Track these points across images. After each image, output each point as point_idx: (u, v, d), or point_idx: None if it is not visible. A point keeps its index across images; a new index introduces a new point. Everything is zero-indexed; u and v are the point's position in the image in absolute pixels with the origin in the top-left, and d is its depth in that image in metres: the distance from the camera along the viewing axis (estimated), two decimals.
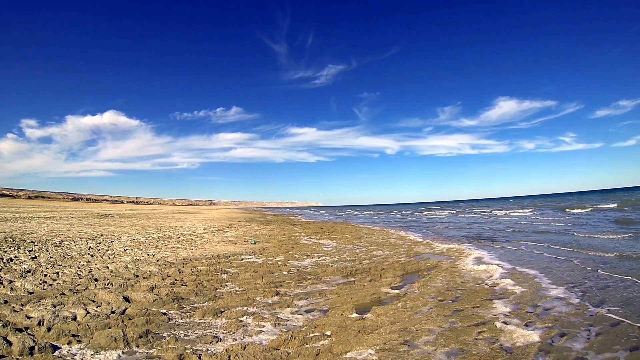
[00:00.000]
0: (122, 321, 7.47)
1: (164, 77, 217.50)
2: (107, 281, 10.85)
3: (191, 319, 8.06)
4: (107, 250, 16.84)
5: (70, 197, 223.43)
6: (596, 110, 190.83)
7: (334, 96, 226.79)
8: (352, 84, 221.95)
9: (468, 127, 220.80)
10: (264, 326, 7.65)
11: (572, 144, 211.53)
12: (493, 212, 59.79)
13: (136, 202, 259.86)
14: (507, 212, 56.86)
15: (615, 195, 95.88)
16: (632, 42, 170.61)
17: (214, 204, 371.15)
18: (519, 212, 52.77)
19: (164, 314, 8.25)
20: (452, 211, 73.27)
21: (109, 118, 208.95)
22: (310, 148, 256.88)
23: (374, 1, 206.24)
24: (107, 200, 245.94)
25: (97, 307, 8.33)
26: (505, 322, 7.80)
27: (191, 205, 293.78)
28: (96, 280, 11.03)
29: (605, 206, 47.10)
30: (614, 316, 8.11)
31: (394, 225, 41.44)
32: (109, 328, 7.01)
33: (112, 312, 8.10)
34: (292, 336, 6.92)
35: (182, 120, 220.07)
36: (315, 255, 17.95)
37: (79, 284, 10.43)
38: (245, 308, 8.88)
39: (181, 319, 8.05)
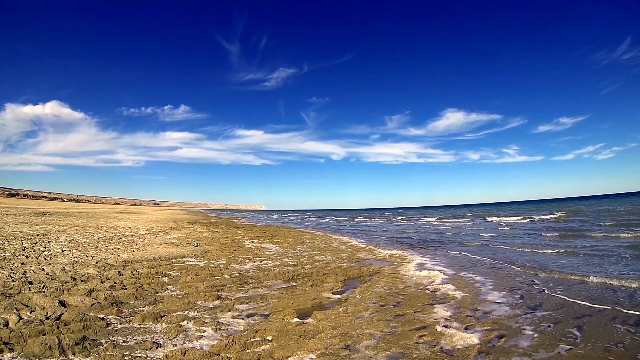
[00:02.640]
0: (58, 327, 7.13)
1: (112, 70, 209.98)
2: (43, 284, 10.38)
3: (130, 324, 7.81)
4: (44, 251, 16.16)
5: (5, 192, 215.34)
6: (538, 125, 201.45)
7: (282, 100, 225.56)
8: (302, 88, 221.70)
9: (415, 136, 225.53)
10: (204, 331, 7.50)
11: (515, 156, 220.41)
12: (437, 219, 60.66)
13: (77, 200, 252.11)
14: (451, 220, 57.97)
15: (554, 205, 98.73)
16: (575, 64, 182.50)
17: (158, 204, 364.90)
18: (463, 221, 53.85)
19: (102, 319, 7.94)
20: (396, 218, 74.01)
21: (51, 109, 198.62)
22: (256, 151, 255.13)
23: (330, 8, 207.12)
24: (45, 197, 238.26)
25: (31, 313, 7.95)
26: (445, 326, 7.95)
27: (134, 205, 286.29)
28: (30, 283, 10.53)
29: (544, 217, 48.12)
30: (549, 319, 8.42)
31: (337, 231, 41.84)
32: (44, 335, 6.69)
33: (47, 318, 7.75)
34: (233, 341, 6.79)
35: (128, 116, 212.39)
36: (257, 259, 17.86)
37: (11, 288, 9.90)
38: (186, 312, 8.70)
39: (120, 324, 7.78)
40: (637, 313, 8.62)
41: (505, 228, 35.38)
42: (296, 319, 8.42)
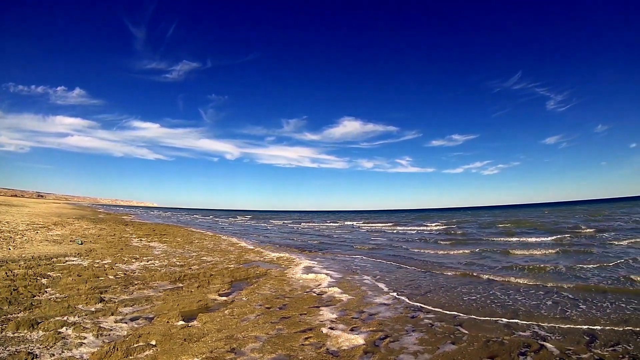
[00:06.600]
0: None
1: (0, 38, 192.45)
2: None
3: (2, 332, 7.12)
4: None
5: None
6: (432, 140, 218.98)
7: (182, 93, 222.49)
8: (203, 83, 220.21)
9: (310, 141, 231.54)
10: (85, 337, 7.04)
11: (408, 167, 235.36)
12: (327, 224, 61.79)
13: None
14: (341, 224, 59.46)
15: (443, 215, 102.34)
16: (470, 88, 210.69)
17: (42, 196, 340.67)
18: (353, 226, 54.70)
19: None
20: (288, 221, 74.62)
21: None
22: (150, 145, 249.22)
23: (242, 6, 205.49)
24: None
25: None
26: (331, 328, 8.04)
27: (15, 196, 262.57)
28: None
29: (432, 225, 49.01)
30: (432, 319, 8.84)
31: (226, 231, 41.62)
32: None
33: None
34: (114, 347, 6.45)
35: (15, 94, 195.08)
36: (144, 258, 17.27)
37: None
38: (65, 317, 8.11)
39: None
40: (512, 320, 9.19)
41: (395, 234, 36.26)
42: (181, 322, 8.19)
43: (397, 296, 11.10)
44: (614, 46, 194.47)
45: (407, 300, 10.60)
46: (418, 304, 10.18)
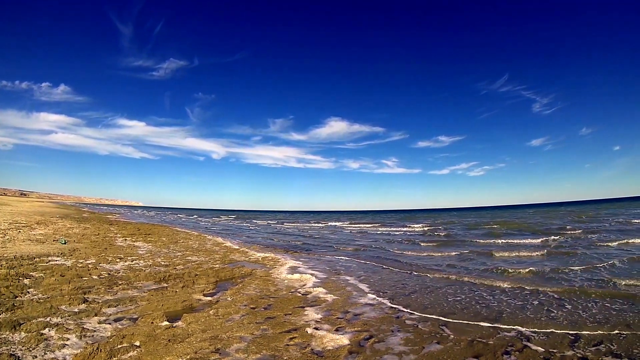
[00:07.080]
0: None
1: None
2: None
3: None
4: None
5: None
6: (418, 141, 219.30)
7: (169, 92, 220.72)
8: (190, 82, 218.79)
9: (297, 141, 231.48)
10: (68, 339, 6.96)
11: (394, 168, 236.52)
12: (312, 224, 61.74)
13: None
14: (326, 224, 59.32)
15: (428, 215, 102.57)
16: (457, 90, 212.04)
17: (25, 194, 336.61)
18: (339, 227, 54.62)
19: None
20: (272, 221, 74.32)
21: None
22: (136, 143, 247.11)
23: (231, 5, 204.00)
24: None
25: None
26: (316, 328, 8.03)
27: None
28: None
29: (416, 227, 49.29)
30: (416, 319, 8.87)
31: (212, 231, 41.47)
32: None
33: None
34: (98, 349, 6.39)
35: None
36: (129, 258, 17.12)
37: None
38: (48, 318, 8.00)
39: None
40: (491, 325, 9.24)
41: (380, 235, 36.23)
42: (165, 322, 8.14)
43: (381, 297, 11.12)
44: (600, 50, 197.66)
45: (392, 301, 10.62)
46: (402, 305, 10.20)
